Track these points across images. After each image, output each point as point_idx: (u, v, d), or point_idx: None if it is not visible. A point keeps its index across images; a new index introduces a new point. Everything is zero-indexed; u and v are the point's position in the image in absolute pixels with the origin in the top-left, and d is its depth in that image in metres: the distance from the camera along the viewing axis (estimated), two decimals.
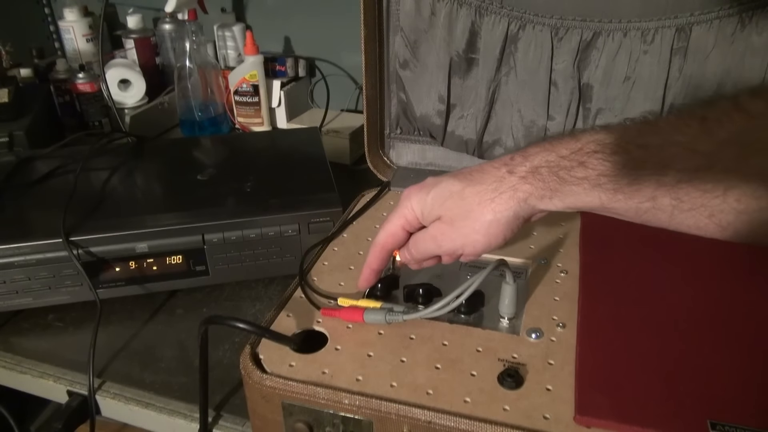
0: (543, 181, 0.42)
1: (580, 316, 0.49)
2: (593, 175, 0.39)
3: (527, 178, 0.43)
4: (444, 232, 0.46)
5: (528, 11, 0.64)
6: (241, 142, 0.93)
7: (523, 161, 0.43)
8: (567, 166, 0.41)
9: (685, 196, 0.37)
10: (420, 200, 0.48)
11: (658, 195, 0.38)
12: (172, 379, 0.58)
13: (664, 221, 0.39)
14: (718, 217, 0.37)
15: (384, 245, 0.51)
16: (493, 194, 0.44)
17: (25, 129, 0.92)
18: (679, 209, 0.38)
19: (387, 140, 0.77)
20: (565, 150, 0.41)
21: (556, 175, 0.41)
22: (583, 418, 0.40)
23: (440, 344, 0.48)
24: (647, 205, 0.38)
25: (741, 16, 0.58)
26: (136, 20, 1.18)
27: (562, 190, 0.41)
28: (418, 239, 0.49)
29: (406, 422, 0.42)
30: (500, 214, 0.43)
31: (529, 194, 0.42)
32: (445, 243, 0.46)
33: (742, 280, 0.52)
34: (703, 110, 0.37)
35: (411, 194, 0.49)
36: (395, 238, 0.50)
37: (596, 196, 0.40)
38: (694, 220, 0.38)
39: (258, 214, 0.66)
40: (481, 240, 0.45)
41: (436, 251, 0.48)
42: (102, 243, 0.63)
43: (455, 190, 0.45)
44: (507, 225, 0.44)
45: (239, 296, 0.69)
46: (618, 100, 0.65)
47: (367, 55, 0.69)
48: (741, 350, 0.45)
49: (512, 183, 0.43)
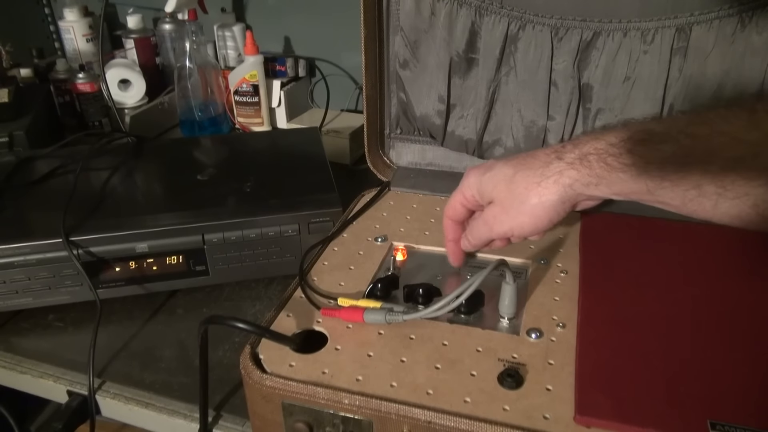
0: (590, 168, 0.43)
1: (580, 316, 0.49)
2: (641, 163, 0.40)
3: (575, 164, 0.44)
4: (495, 216, 0.49)
5: (528, 11, 0.64)
6: (241, 142, 0.93)
7: (573, 148, 0.45)
8: (616, 153, 0.42)
9: (730, 185, 0.38)
10: (476, 181, 0.51)
11: (704, 183, 0.39)
12: (172, 379, 0.58)
13: (708, 210, 0.40)
14: (762, 207, 0.38)
15: (449, 217, 0.55)
16: (540, 178, 0.45)
17: (25, 129, 0.92)
18: (724, 197, 0.39)
19: (387, 140, 0.77)
20: (614, 138, 0.43)
21: (604, 161, 0.42)
22: (583, 418, 0.40)
23: (440, 344, 0.48)
24: (693, 193, 0.39)
25: (741, 16, 0.58)
26: (136, 20, 1.18)
27: (609, 177, 0.42)
28: (473, 226, 0.52)
29: (406, 422, 0.42)
30: (545, 198, 0.45)
31: (574, 180, 0.44)
32: (497, 226, 0.49)
33: (742, 280, 0.52)
34: (754, 102, 0.38)
35: (470, 174, 0.52)
36: (456, 212, 0.54)
37: (643, 183, 0.41)
38: (738, 210, 0.39)
39: (258, 214, 0.66)
40: (528, 222, 0.47)
41: (489, 234, 0.51)
42: (102, 243, 0.63)
43: (507, 174, 0.48)
44: (552, 209, 0.46)
45: (239, 296, 0.69)
46: (618, 100, 0.65)
47: (367, 55, 0.69)
48: (741, 350, 0.45)
49: (559, 168, 0.45)
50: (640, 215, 0.61)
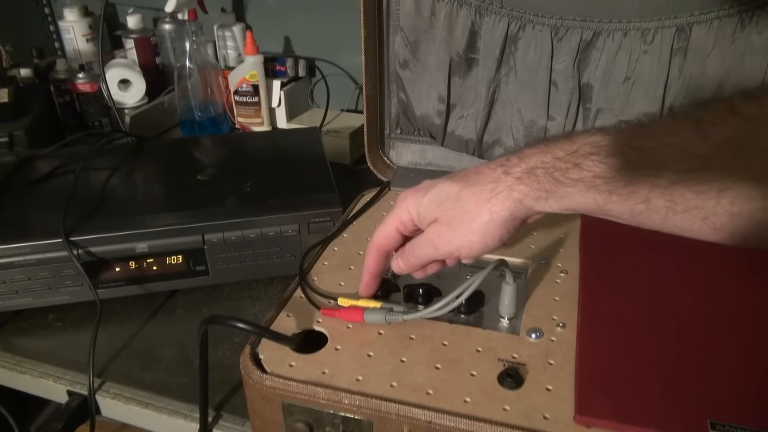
0: (538, 182, 0.42)
1: (580, 316, 0.49)
2: (588, 177, 0.39)
3: (523, 178, 0.43)
4: (441, 234, 0.46)
5: (528, 11, 0.64)
6: (241, 142, 0.93)
7: (519, 162, 0.43)
8: (562, 167, 0.41)
9: (679, 198, 0.37)
10: (416, 202, 0.48)
11: (653, 197, 0.38)
12: (172, 379, 0.58)
13: (658, 223, 0.39)
14: (712, 220, 0.37)
15: (378, 247, 0.51)
16: (490, 195, 0.44)
17: (25, 129, 0.92)
18: (673, 211, 0.38)
19: (387, 140, 0.77)
20: (560, 152, 0.41)
21: (552, 176, 0.41)
22: (583, 418, 0.40)
23: (440, 344, 0.48)
24: (641, 207, 0.38)
25: (741, 16, 0.58)
26: (136, 20, 1.18)
27: (557, 192, 0.41)
28: (414, 244, 0.48)
29: (406, 422, 0.42)
30: (496, 215, 0.43)
31: (524, 195, 0.42)
32: (442, 245, 0.46)
33: (742, 280, 0.52)
34: (698, 113, 0.37)
35: (407, 196, 0.49)
36: (390, 240, 0.50)
37: (591, 198, 0.40)
38: (688, 223, 0.38)
39: (258, 214, 0.66)
40: (478, 241, 0.44)
41: (433, 255, 0.47)
42: (102, 243, 0.63)
43: (452, 191, 0.45)
44: (503, 225, 0.44)
45: (239, 296, 0.69)
46: (618, 100, 0.65)
47: (367, 55, 0.69)
48: (741, 350, 0.45)
49: (508, 183, 0.43)
50: None
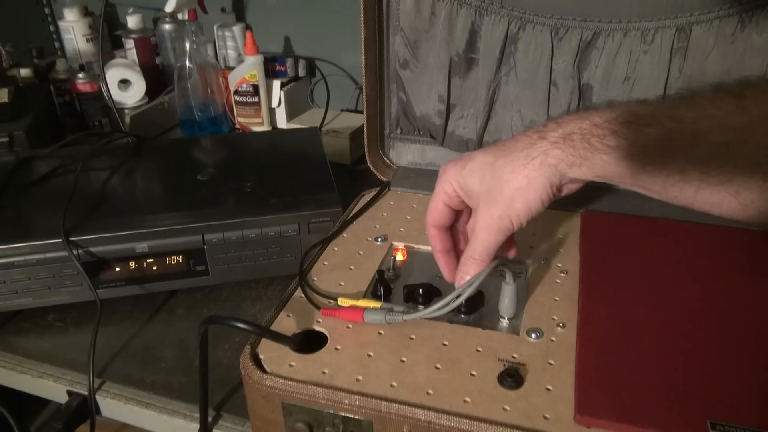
0: (574, 147, 0.41)
1: (580, 316, 0.49)
2: (625, 145, 0.39)
3: (558, 143, 0.42)
4: (491, 213, 0.45)
5: (528, 11, 0.64)
6: (241, 142, 0.93)
7: (557, 127, 0.43)
8: (599, 134, 0.40)
9: (713, 170, 0.37)
10: (456, 174, 0.47)
11: (687, 168, 0.38)
12: (172, 379, 0.58)
13: (689, 197, 0.39)
14: (744, 195, 0.37)
15: (433, 223, 0.51)
16: (525, 160, 0.43)
17: (25, 129, 0.92)
18: (707, 183, 0.38)
19: (387, 140, 0.77)
20: (599, 118, 0.41)
21: (588, 142, 0.41)
22: (583, 418, 0.40)
23: (440, 344, 0.48)
24: (675, 177, 0.38)
25: (741, 16, 0.58)
26: (136, 20, 1.18)
27: (592, 159, 0.41)
28: (472, 238, 0.47)
29: (406, 422, 0.42)
30: (534, 180, 0.43)
31: (559, 160, 0.42)
32: (494, 221, 0.45)
33: (742, 279, 0.52)
34: (741, 88, 0.37)
35: (447, 168, 0.49)
36: (441, 214, 0.50)
37: (626, 166, 0.39)
38: (719, 197, 0.38)
39: (258, 214, 0.66)
40: (521, 207, 0.44)
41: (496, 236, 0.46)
42: (102, 243, 0.63)
43: (488, 162, 0.45)
44: (543, 190, 0.43)
45: (239, 296, 0.69)
46: (618, 100, 0.65)
47: (367, 55, 0.69)
48: (741, 350, 0.45)
49: (543, 148, 0.43)
50: (640, 215, 0.61)
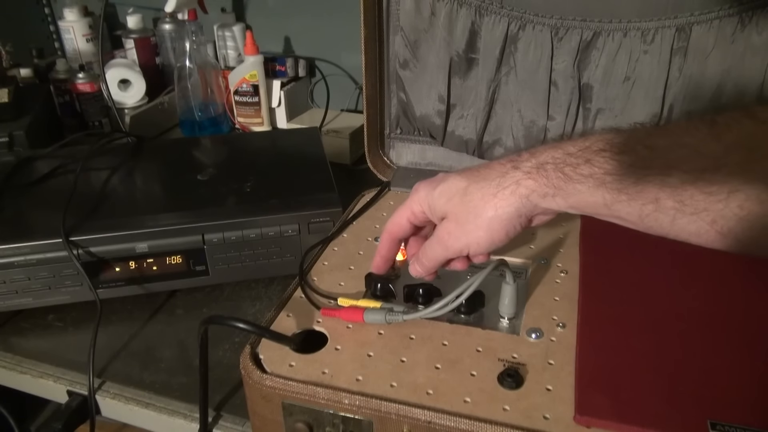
0: (547, 178, 0.41)
1: (580, 316, 0.49)
2: (599, 174, 0.39)
3: (532, 173, 0.42)
4: (450, 232, 0.46)
5: (528, 11, 0.64)
6: (241, 142, 0.93)
7: (530, 157, 0.43)
8: (573, 163, 0.40)
9: (688, 199, 0.37)
10: (427, 194, 0.48)
11: (662, 197, 0.38)
12: (172, 379, 0.58)
13: (665, 226, 0.39)
14: (720, 224, 0.37)
15: (389, 233, 0.52)
16: (496, 189, 0.43)
17: (25, 129, 0.92)
18: (682, 213, 0.38)
19: (387, 140, 0.77)
20: (572, 147, 0.41)
21: (561, 171, 0.41)
22: (583, 418, 0.40)
23: (440, 344, 0.48)
24: (650, 207, 0.38)
25: (741, 16, 0.58)
26: (136, 20, 1.18)
27: (566, 188, 0.41)
28: (426, 246, 0.49)
29: (406, 422, 0.42)
30: (501, 210, 0.43)
31: (531, 191, 0.42)
32: (452, 242, 0.46)
33: (742, 280, 0.52)
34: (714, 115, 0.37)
35: (420, 188, 0.49)
36: (400, 228, 0.51)
37: (600, 196, 0.39)
38: (696, 226, 0.38)
39: (258, 214, 0.66)
40: (484, 236, 0.44)
41: (444, 254, 0.48)
42: (102, 243, 0.63)
43: (460, 186, 0.45)
44: (509, 221, 0.43)
45: (239, 296, 0.69)
46: (618, 100, 0.65)
47: (367, 55, 0.69)
48: (741, 350, 0.45)
49: (516, 178, 0.43)
50: None
